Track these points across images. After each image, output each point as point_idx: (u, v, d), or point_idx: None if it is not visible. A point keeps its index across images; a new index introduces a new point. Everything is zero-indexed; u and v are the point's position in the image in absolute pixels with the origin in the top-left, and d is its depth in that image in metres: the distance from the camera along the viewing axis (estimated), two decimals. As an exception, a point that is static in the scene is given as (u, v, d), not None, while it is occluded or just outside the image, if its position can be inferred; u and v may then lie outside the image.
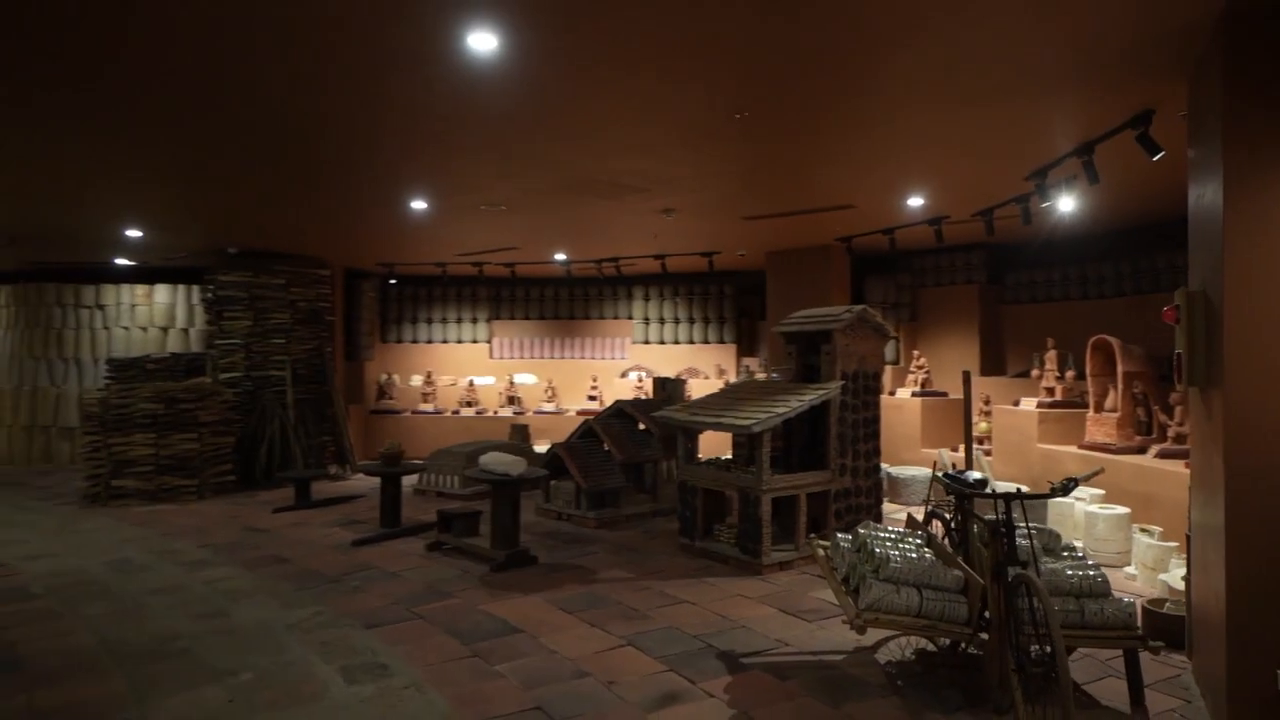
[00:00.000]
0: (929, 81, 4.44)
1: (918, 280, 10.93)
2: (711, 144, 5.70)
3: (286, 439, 10.18)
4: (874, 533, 4.09)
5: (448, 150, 5.89)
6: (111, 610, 5.06)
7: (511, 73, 4.23)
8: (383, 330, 13.49)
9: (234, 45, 3.94)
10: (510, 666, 4.13)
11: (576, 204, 7.64)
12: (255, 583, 5.68)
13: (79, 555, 6.47)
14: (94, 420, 8.85)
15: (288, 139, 5.60)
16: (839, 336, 6.41)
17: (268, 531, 7.37)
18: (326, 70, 4.27)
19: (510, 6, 3.47)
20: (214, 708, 3.65)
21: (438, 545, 6.65)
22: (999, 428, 8.60)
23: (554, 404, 12.61)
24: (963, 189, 7.11)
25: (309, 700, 3.73)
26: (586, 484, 7.62)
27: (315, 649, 4.38)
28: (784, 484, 6.05)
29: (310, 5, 3.48)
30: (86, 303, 12.22)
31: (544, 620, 4.86)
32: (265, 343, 10.51)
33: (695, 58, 4.09)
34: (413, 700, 3.73)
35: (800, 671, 4.08)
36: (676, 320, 13.23)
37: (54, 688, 3.88)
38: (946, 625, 3.66)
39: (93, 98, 4.71)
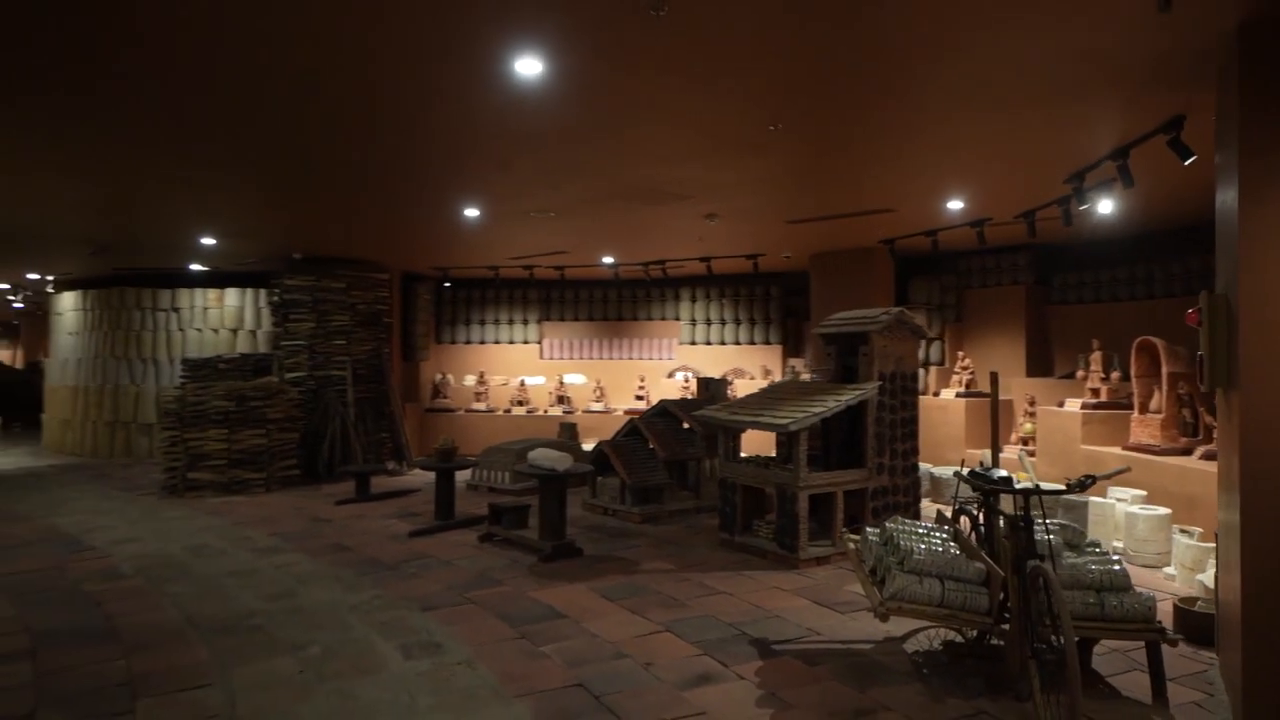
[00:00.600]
0: (965, 90, 4.59)
1: (963, 281, 10.93)
2: (752, 153, 5.91)
3: (347, 435, 10.68)
4: (901, 527, 4.27)
5: (498, 163, 6.22)
6: (193, 589, 5.51)
7: (556, 92, 4.52)
8: (438, 331, 13.99)
9: (310, 75, 4.31)
10: (554, 647, 4.42)
11: (622, 210, 7.92)
12: (320, 568, 6.08)
13: (161, 540, 6.99)
14: (172, 416, 9.44)
15: (351, 155, 6.00)
16: (876, 338, 6.56)
17: (331, 522, 7.81)
18: (388, 94, 4.62)
19: (553, 35, 3.76)
20: (286, 676, 4.02)
21: (489, 536, 6.99)
22: (1043, 429, 8.61)
23: (602, 403, 12.92)
24: (1003, 192, 7.18)
25: (370, 672, 4.07)
26: (631, 480, 7.89)
27: (376, 628, 4.73)
28: (821, 481, 6.23)
29: (379, 37, 3.81)
30: (163, 306, 12.95)
31: (587, 607, 5.14)
32: (327, 344, 11.04)
33: (734, 73, 4.31)
34: (465, 675, 4.03)
35: (829, 658, 4.28)
36: (723, 321, 13.43)
37: (147, 654, 4.29)
38: (968, 615, 3.83)
39: (181, 123, 5.15)
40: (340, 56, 4.08)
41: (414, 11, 3.53)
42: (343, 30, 3.75)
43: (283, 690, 3.85)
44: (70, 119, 5.12)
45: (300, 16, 3.60)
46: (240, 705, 3.68)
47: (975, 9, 3.53)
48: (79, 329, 13.42)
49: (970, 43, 3.94)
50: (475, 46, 3.89)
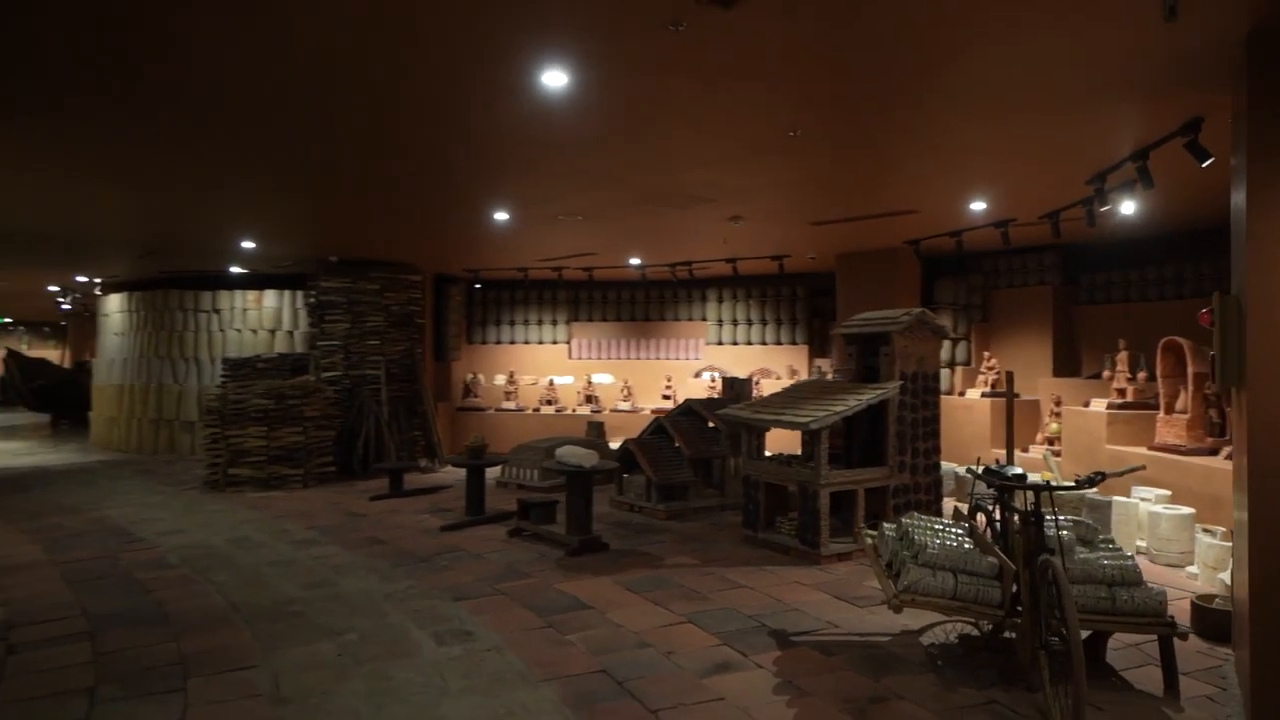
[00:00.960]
0: (984, 95, 4.67)
1: (990, 282, 10.94)
2: (773, 157, 6.04)
3: (381, 433, 10.97)
4: (916, 522, 4.38)
5: (526, 169, 6.42)
6: (236, 578, 5.77)
7: (581, 103, 4.70)
8: (469, 332, 14.26)
9: (347, 88, 4.53)
10: (579, 636, 4.59)
11: (648, 213, 8.08)
12: (356, 560, 6.32)
13: (205, 532, 7.29)
14: (214, 414, 9.79)
15: (386, 162, 6.23)
16: (897, 338, 6.65)
17: (365, 516, 8.07)
18: (422, 104, 4.83)
19: (577, 51, 3.94)
20: (326, 659, 4.23)
21: (518, 531, 7.20)
22: (1069, 429, 8.62)
23: (630, 403, 13.09)
24: (1026, 193, 7.23)
25: (405, 656, 4.27)
26: (656, 478, 8.05)
27: (410, 616, 4.94)
28: (842, 479, 6.34)
29: (413, 53, 4.01)
30: (204, 307, 13.36)
31: (612, 599, 5.30)
32: (362, 344, 11.34)
33: (754, 82, 4.45)
34: (494, 660, 4.22)
35: (846, 649, 4.40)
36: (749, 322, 13.53)
37: (195, 637, 4.54)
38: (980, 607, 3.93)
39: (225, 134, 5.41)
40: (376, 71, 4.29)
41: (446, 30, 3.72)
42: (379, 47, 3.96)
43: (323, 672, 4.07)
44: (121, 130, 5.40)
45: (338, 34, 3.81)
46: (283, 685, 3.90)
47: (992, 17, 3.63)
48: (125, 330, 13.89)
49: (987, 49, 4.03)
50: (503, 61, 4.07)
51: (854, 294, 10.87)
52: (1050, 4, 3.46)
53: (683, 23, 3.48)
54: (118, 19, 3.65)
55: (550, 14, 3.55)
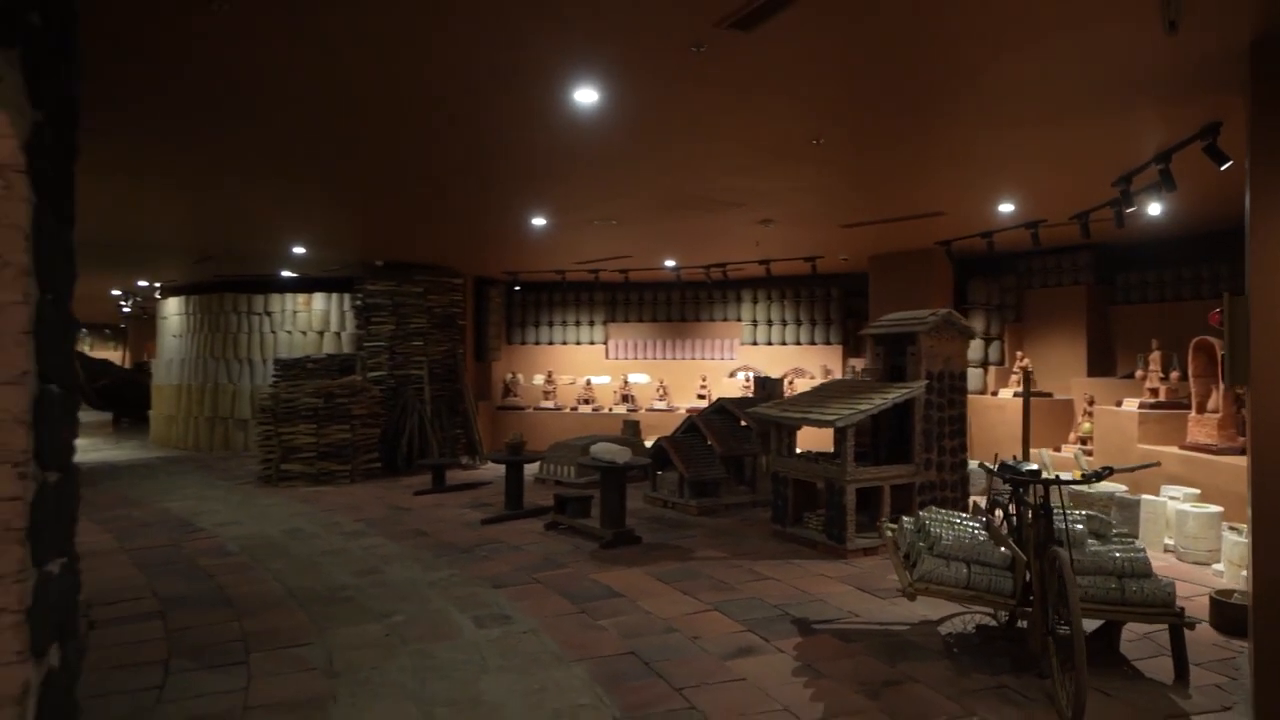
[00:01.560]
0: (1006, 105, 4.82)
1: (1023, 282, 10.96)
2: (798, 164, 6.23)
3: (424, 431, 11.37)
4: (933, 515, 4.55)
5: (562, 178, 6.70)
6: (291, 565, 6.15)
7: (611, 117, 4.96)
8: (508, 333, 14.63)
9: (395, 104, 4.85)
10: (611, 622, 4.84)
11: (681, 217, 8.32)
12: (402, 550, 6.66)
13: (261, 524, 7.71)
14: (267, 413, 10.26)
15: (430, 171, 6.56)
16: (924, 338, 6.79)
17: (410, 510, 8.44)
18: (465, 119, 5.13)
19: (606, 71, 4.19)
20: (375, 638, 4.55)
21: (554, 525, 7.48)
22: (1100, 428, 8.64)
23: (665, 402, 13.33)
24: (1054, 195, 7.31)
25: (447, 638, 4.57)
26: (689, 474, 8.28)
27: (452, 602, 5.24)
28: (868, 476, 6.50)
29: (456, 73, 4.31)
30: (257, 310, 13.93)
31: (643, 588, 5.55)
32: (406, 345, 11.76)
33: (775, 95, 4.66)
34: (530, 642, 4.50)
35: (865, 637, 4.59)
36: (784, 322, 13.68)
37: (255, 618, 4.90)
38: (991, 596, 4.09)
39: (281, 148, 5.78)
40: (423, 92, 4.60)
41: (486, 54, 4.00)
42: (426, 72, 4.26)
43: (372, 650, 4.38)
44: (186, 146, 5.81)
45: (392, 62, 4.11)
46: (336, 660, 4.23)
47: (1011, 30, 3.79)
48: (182, 332, 14.53)
49: (1007, 62, 4.18)
50: (538, 81, 4.35)
51: (887, 294, 10.96)
52: (1067, 16, 3.61)
53: (704, 44, 3.72)
54: (190, 48, 4.00)
55: (580, 39, 3.81)
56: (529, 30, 3.72)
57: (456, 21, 3.64)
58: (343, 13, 3.57)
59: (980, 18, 3.63)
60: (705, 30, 3.58)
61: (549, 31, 3.74)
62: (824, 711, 3.62)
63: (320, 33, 3.79)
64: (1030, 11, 3.56)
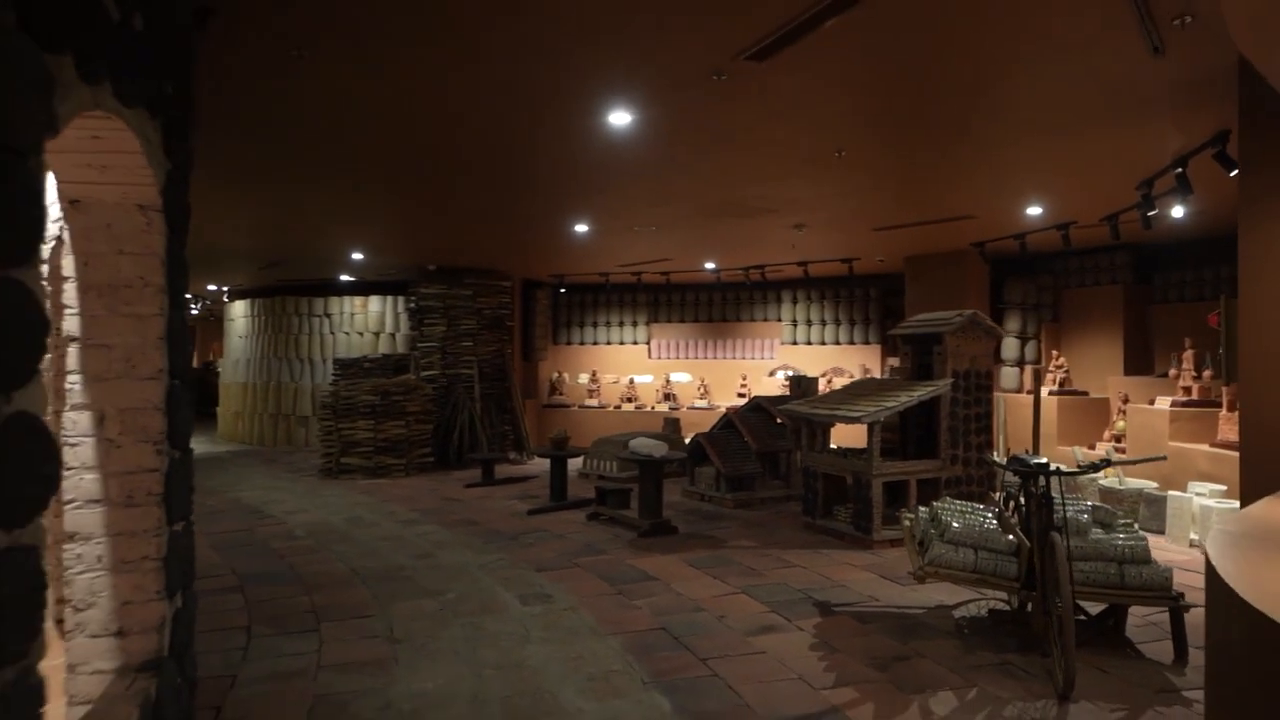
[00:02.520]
0: (1024, 114, 5.08)
1: (1060, 281, 11.04)
2: (825, 173, 6.55)
3: (474, 427, 11.92)
4: (945, 505, 4.85)
5: (602, 189, 7.13)
6: (353, 549, 6.68)
7: (643, 136, 5.37)
8: (554, 333, 15.14)
9: (448, 125, 5.32)
10: (645, 601, 5.24)
11: (717, 223, 8.68)
12: (453, 537, 7.15)
13: (324, 512, 8.29)
14: (327, 409, 10.90)
15: (481, 184, 7.04)
16: (950, 338, 7.04)
17: (461, 501, 8.95)
18: (513, 138, 5.59)
19: (636, 97, 4.59)
20: (430, 612, 5.02)
21: (595, 515, 7.91)
22: (1133, 426, 8.75)
23: (706, 400, 13.68)
24: (1081, 199, 7.48)
25: (495, 612, 5.02)
26: (725, 469, 8.63)
27: (499, 582, 5.70)
28: (894, 470, 6.79)
29: (506, 100, 4.75)
30: (317, 312, 14.67)
31: (676, 573, 5.94)
32: (457, 345, 12.33)
33: (797, 112, 5.00)
34: (570, 617, 4.92)
35: (881, 619, 4.91)
36: (823, 322, 13.91)
37: (323, 593, 5.42)
38: (997, 580, 4.38)
39: (346, 165, 6.31)
40: (477, 113, 5.05)
41: (531, 82, 4.43)
42: (480, 94, 4.71)
43: (428, 621, 4.85)
44: (263, 166, 6.38)
45: (455, 90, 4.57)
46: (396, 630, 4.70)
47: (1019, 51, 4.08)
48: (248, 333, 15.36)
49: (1021, 78, 4.45)
50: (576, 106, 4.77)
51: (922, 295, 11.15)
52: (1064, 42, 3.89)
53: (724, 73, 4.09)
54: (275, 86, 4.52)
55: (611, 71, 4.23)
56: (572, 63, 4.14)
57: (507, 56, 4.08)
58: (408, 50, 4.03)
59: (985, 43, 3.93)
60: (724, 61, 3.95)
61: (588, 64, 4.15)
62: (834, 681, 3.96)
63: (387, 67, 4.26)
64: (1031, 37, 3.85)
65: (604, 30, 3.73)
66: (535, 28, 3.71)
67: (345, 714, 3.59)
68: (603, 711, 3.60)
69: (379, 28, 3.74)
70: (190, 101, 2.63)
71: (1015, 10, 3.55)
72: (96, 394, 2.21)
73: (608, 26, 3.68)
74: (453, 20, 3.65)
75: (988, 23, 3.69)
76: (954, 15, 3.60)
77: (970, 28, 3.75)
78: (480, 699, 3.74)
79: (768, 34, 3.67)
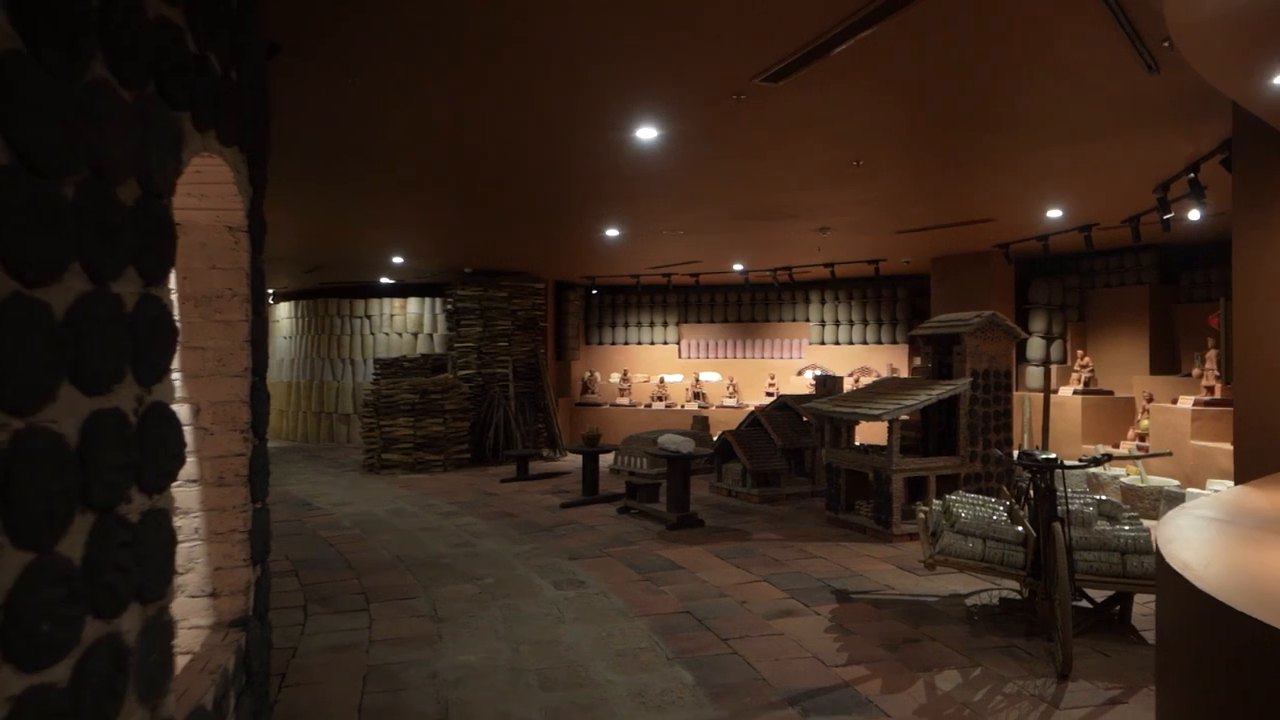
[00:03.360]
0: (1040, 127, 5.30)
1: (1086, 282, 11.14)
2: (845, 181, 6.80)
3: (509, 425, 12.32)
4: (957, 498, 5.09)
5: (630, 197, 7.45)
6: (397, 538, 7.08)
7: (670, 149, 5.68)
8: (586, 333, 15.50)
9: (484, 139, 5.68)
10: (671, 588, 5.55)
11: (744, 227, 8.96)
12: (491, 528, 7.53)
13: (368, 504, 8.72)
14: (369, 408, 11.37)
15: (516, 192, 7.40)
16: (968, 339, 7.24)
17: (497, 495, 9.34)
18: (547, 150, 5.93)
19: (662, 114, 4.90)
20: (470, 595, 5.38)
21: (626, 509, 8.24)
22: (1156, 425, 8.85)
23: (735, 399, 13.95)
24: (1099, 201, 7.64)
25: (530, 596, 5.37)
26: (752, 466, 8.90)
27: (534, 569, 6.05)
28: (913, 466, 7.02)
29: (539, 116, 5.10)
30: (358, 314, 15.20)
31: (701, 562, 6.24)
32: (492, 345, 12.75)
33: (813, 126, 5.28)
34: (600, 600, 5.25)
35: (895, 605, 5.17)
36: (850, 322, 14.10)
37: (371, 577, 5.82)
38: (1004, 568, 4.62)
39: (391, 180, 6.71)
40: (513, 130, 5.41)
41: (564, 101, 4.77)
42: (523, 113, 5.06)
43: (468, 603, 5.21)
44: (315, 179, 6.80)
45: (492, 107, 4.93)
46: (439, 610, 5.07)
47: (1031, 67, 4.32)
48: (291, 334, 15.95)
49: (1032, 94, 4.67)
50: (605, 121, 5.09)
51: (948, 295, 11.31)
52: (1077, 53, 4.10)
53: (743, 94, 4.38)
54: (328, 111, 4.91)
55: (639, 93, 4.55)
56: (603, 86, 4.47)
57: (545, 81, 4.42)
58: (457, 76, 4.39)
59: (992, 63, 4.17)
60: (743, 83, 4.25)
61: (618, 87, 4.48)
62: (846, 659, 4.24)
63: (432, 89, 4.62)
64: (1035, 57, 4.09)
65: (632, 58, 4.04)
66: (569, 55, 4.05)
67: (396, 681, 3.95)
68: (630, 683, 3.92)
69: (427, 56, 4.09)
70: (266, 133, 3.00)
71: (1021, 33, 3.79)
72: (193, 389, 2.58)
73: (636, 55, 4.00)
74: (499, 53, 4.00)
75: (994, 43, 3.93)
76: (960, 38, 3.85)
77: (977, 49, 4.00)
78: (518, 670, 4.08)
79: (782, 59, 3.95)
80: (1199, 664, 1.89)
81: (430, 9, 3.55)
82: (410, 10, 3.57)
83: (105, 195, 1.54)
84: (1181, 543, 2.08)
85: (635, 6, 3.47)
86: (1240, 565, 1.90)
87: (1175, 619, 1.97)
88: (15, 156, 1.28)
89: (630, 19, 3.61)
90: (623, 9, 3.51)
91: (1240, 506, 2.75)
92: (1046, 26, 3.69)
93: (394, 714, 3.60)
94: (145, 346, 1.69)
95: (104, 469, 1.53)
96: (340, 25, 3.76)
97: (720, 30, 3.72)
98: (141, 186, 1.67)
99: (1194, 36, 2.89)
